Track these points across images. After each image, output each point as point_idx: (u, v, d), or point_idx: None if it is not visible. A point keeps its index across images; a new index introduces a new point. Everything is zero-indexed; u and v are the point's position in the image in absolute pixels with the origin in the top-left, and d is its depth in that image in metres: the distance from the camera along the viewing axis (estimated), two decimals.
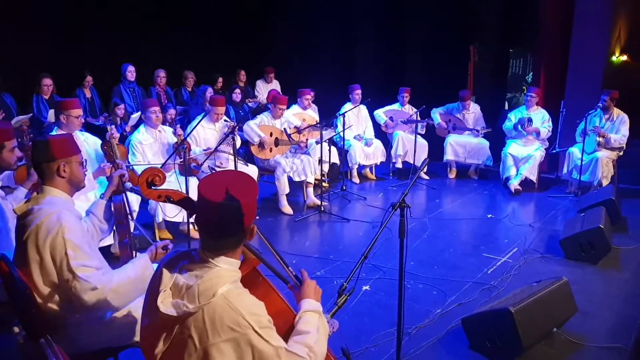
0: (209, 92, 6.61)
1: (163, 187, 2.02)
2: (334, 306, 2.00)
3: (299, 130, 5.88)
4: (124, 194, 2.66)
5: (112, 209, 2.57)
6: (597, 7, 6.71)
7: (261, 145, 5.60)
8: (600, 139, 6.02)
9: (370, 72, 8.75)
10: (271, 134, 5.69)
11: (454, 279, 4.01)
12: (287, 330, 1.70)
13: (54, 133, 3.78)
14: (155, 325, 1.53)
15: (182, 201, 1.89)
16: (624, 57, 8.98)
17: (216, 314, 1.46)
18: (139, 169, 4.34)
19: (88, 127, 5.73)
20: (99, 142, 4.25)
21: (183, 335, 1.49)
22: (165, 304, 1.50)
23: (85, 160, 2.39)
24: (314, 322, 1.70)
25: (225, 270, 1.54)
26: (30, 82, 5.89)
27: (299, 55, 8.94)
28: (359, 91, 6.94)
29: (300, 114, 6.29)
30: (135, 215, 4.48)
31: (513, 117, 6.70)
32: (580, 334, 3.15)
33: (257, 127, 5.61)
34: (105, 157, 4.12)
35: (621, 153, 6.14)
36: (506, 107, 9.18)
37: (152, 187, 1.99)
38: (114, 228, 2.68)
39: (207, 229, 1.55)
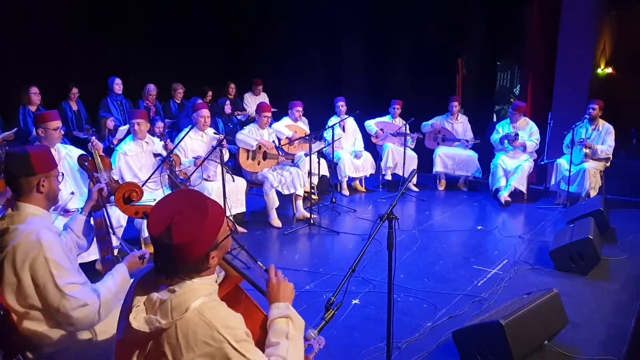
0: None
1: (141, 202, 1.97)
2: (321, 321, 1.95)
3: (290, 141, 5.86)
4: (104, 209, 2.55)
5: (93, 224, 2.49)
6: (583, 20, 6.82)
7: (254, 153, 5.55)
8: (587, 151, 6.07)
9: (359, 84, 8.78)
10: (260, 147, 5.66)
11: (444, 291, 3.98)
12: None
13: None
14: (129, 341, 1.50)
15: None
16: (609, 70, 9.12)
17: (189, 329, 1.42)
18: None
19: (74, 141, 5.66)
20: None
21: (157, 351, 1.46)
22: (138, 319, 1.46)
23: (62, 174, 2.32)
24: (283, 329, 1.63)
25: (199, 284, 1.50)
26: (15, 96, 5.81)
27: (287, 68, 8.96)
28: (342, 103, 6.95)
29: (292, 126, 6.29)
30: (122, 230, 4.41)
31: (501, 129, 6.74)
32: (572, 346, 3.13)
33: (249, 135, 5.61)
34: (85, 170, 4.01)
35: (608, 164, 6.19)
36: (494, 119, 9.25)
37: (130, 204, 1.94)
38: (97, 244, 2.61)
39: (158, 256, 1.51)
